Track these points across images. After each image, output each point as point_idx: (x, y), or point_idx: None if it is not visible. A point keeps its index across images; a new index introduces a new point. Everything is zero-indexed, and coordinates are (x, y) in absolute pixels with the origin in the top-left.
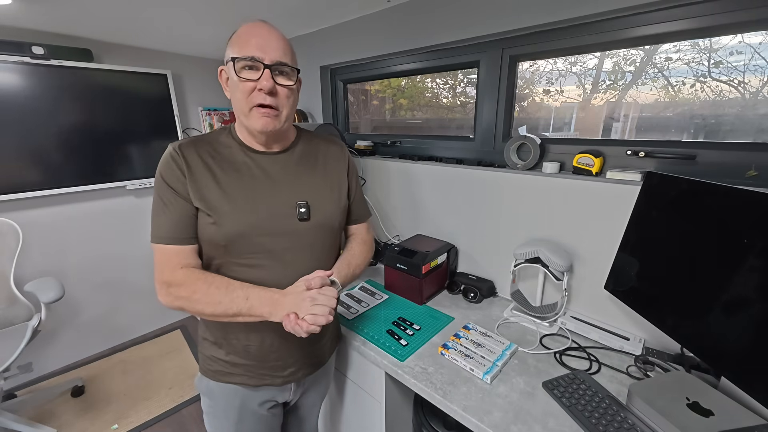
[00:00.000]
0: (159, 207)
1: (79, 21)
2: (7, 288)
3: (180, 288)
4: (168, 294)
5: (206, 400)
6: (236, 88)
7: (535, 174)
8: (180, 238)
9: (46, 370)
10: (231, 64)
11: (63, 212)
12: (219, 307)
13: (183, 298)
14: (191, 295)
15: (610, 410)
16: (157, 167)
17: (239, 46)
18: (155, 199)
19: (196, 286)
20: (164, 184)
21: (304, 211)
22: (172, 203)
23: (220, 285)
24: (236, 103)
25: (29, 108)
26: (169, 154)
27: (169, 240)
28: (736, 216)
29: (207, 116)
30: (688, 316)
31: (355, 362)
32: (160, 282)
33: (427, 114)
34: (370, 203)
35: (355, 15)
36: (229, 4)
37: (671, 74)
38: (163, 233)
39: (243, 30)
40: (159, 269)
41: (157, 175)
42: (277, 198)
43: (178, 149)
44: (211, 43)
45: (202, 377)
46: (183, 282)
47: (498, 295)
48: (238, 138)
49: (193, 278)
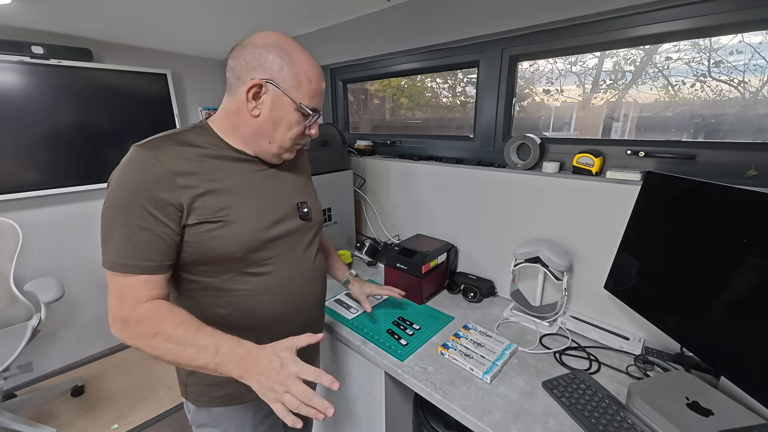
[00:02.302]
0: (124, 227)
1: (79, 21)
2: (6, 288)
3: (140, 326)
4: (124, 329)
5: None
6: (287, 126)
7: (535, 174)
8: (153, 266)
9: (46, 370)
10: (289, 100)
11: (63, 212)
12: (182, 356)
13: (142, 337)
14: (152, 339)
15: (610, 410)
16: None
17: (309, 93)
18: (118, 218)
19: (160, 325)
20: (136, 204)
21: (306, 212)
22: (151, 224)
23: (188, 327)
24: (277, 134)
25: (29, 108)
26: (145, 164)
27: (138, 269)
28: (736, 216)
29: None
30: (687, 315)
31: (355, 362)
32: (116, 315)
33: (427, 114)
34: (369, 202)
35: (355, 15)
36: (229, 4)
37: (671, 74)
38: (130, 260)
39: (307, 69)
40: (117, 301)
41: (124, 190)
42: (281, 200)
43: (158, 158)
44: (211, 43)
45: (201, 409)
46: (144, 318)
47: (498, 295)
48: (227, 144)
49: (158, 315)
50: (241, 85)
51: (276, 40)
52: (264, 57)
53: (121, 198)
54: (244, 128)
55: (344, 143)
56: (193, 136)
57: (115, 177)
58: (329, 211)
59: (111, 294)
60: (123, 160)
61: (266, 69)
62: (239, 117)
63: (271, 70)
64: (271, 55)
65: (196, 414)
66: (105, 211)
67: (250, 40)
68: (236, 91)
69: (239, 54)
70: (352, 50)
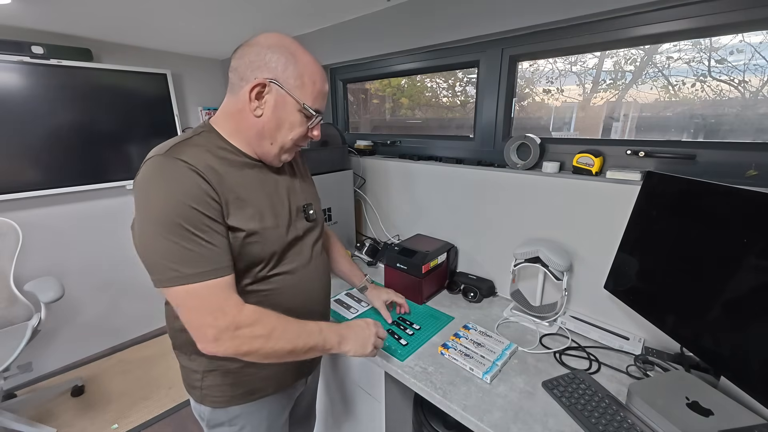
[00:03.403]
0: (187, 238)
1: (79, 21)
2: (6, 288)
3: (254, 327)
4: (235, 338)
5: (225, 430)
6: (290, 127)
7: (534, 174)
8: (230, 266)
9: (45, 370)
10: (292, 101)
11: (63, 212)
12: (298, 342)
13: (259, 338)
14: (271, 333)
15: (610, 410)
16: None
17: (312, 94)
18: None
19: (271, 321)
20: (192, 210)
21: (312, 213)
22: (214, 230)
23: (290, 319)
24: (279, 135)
25: (29, 108)
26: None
27: (222, 271)
28: (736, 216)
29: (206, 116)
30: (687, 315)
31: (355, 362)
32: (222, 327)
33: (427, 113)
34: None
35: (355, 15)
36: (229, 4)
37: (671, 74)
38: (212, 265)
39: (311, 70)
40: (213, 312)
41: (168, 201)
42: (291, 203)
43: (187, 161)
44: (211, 43)
45: (217, 410)
46: (257, 320)
47: (498, 295)
48: (237, 149)
49: (265, 313)
50: (244, 85)
51: (281, 41)
52: (268, 57)
53: (167, 208)
54: (247, 129)
55: (344, 143)
56: (205, 142)
57: (145, 190)
58: (329, 211)
59: (197, 312)
60: (152, 173)
61: (270, 69)
62: (242, 118)
63: (275, 70)
64: (275, 56)
65: (213, 414)
66: (150, 230)
67: (255, 41)
68: (239, 91)
69: (243, 54)
70: (352, 50)
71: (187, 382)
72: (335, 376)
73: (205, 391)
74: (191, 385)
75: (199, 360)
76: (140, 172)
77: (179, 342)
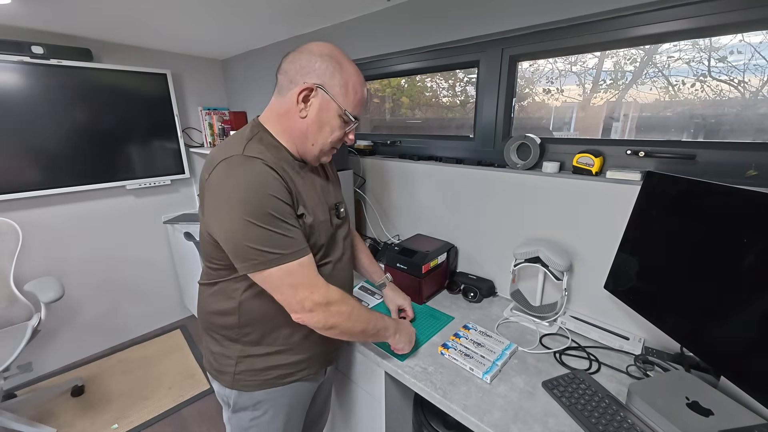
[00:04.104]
0: (279, 224)
1: (79, 21)
2: (6, 288)
3: (340, 305)
4: (326, 311)
5: (248, 414)
6: (330, 130)
7: (534, 174)
8: (308, 248)
9: (45, 370)
10: (335, 106)
11: (63, 212)
12: (369, 324)
13: (343, 314)
14: (351, 311)
15: (610, 410)
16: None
17: (353, 102)
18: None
19: (351, 302)
20: (283, 204)
21: (343, 211)
22: (293, 217)
23: (361, 304)
24: (320, 137)
25: (29, 108)
26: (261, 169)
27: (306, 250)
28: (735, 216)
29: (207, 116)
30: (687, 315)
31: (355, 362)
32: (319, 300)
33: (427, 113)
34: (369, 202)
35: (355, 15)
36: (229, 4)
37: (671, 74)
38: (302, 245)
39: (355, 80)
40: (309, 287)
41: (260, 194)
42: (327, 201)
43: (266, 162)
44: (211, 43)
45: (244, 394)
46: (341, 298)
47: (498, 295)
48: (287, 149)
49: (346, 294)
50: (293, 87)
51: (330, 51)
52: (318, 64)
53: (260, 200)
54: (292, 130)
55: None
56: (266, 142)
57: (240, 186)
58: None
59: (295, 288)
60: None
61: (319, 75)
62: (288, 118)
63: (323, 77)
64: (324, 63)
65: (239, 398)
66: (247, 222)
67: (307, 48)
68: (287, 93)
69: (295, 59)
70: (352, 50)
71: (215, 368)
72: (335, 375)
73: (238, 376)
74: (221, 371)
75: (233, 346)
76: (219, 172)
77: (214, 327)
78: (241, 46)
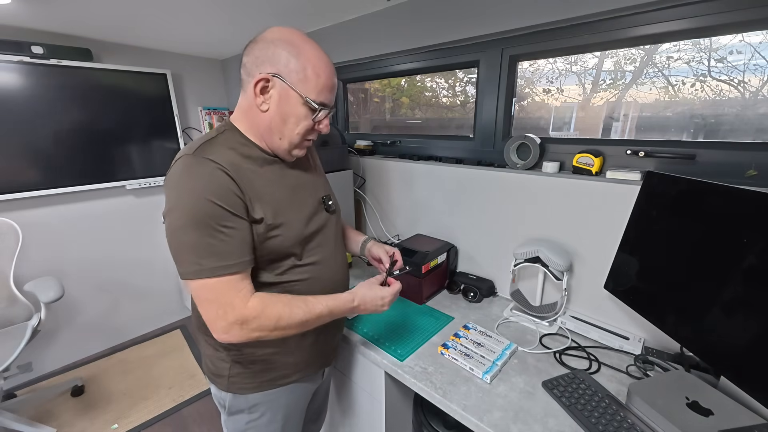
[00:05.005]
0: (209, 233)
1: (79, 20)
2: (6, 287)
3: (259, 320)
4: (243, 330)
5: (244, 417)
6: (296, 121)
7: (534, 174)
8: (247, 261)
9: (45, 370)
10: (296, 95)
11: (63, 212)
12: (306, 327)
13: (266, 329)
14: (276, 323)
15: (610, 410)
16: (186, 188)
17: (316, 87)
18: (196, 227)
19: (275, 310)
20: (216, 207)
21: (331, 204)
22: (230, 226)
23: (298, 304)
24: (286, 129)
25: (28, 108)
26: (206, 168)
27: (237, 267)
28: (735, 216)
29: (207, 116)
30: (687, 315)
31: (355, 362)
32: (229, 320)
33: (427, 113)
34: (369, 202)
35: (355, 14)
36: (229, 4)
37: (671, 74)
38: (226, 261)
39: (315, 63)
40: (223, 306)
41: (194, 198)
42: (311, 197)
43: (214, 160)
44: (211, 42)
45: (239, 397)
46: (260, 312)
47: (498, 295)
48: (256, 145)
49: (270, 304)
50: (250, 81)
51: (284, 35)
52: (272, 51)
53: (193, 205)
54: (258, 125)
55: (344, 143)
56: (229, 140)
57: (175, 188)
58: None
59: (211, 304)
60: (181, 172)
61: (273, 63)
62: (253, 113)
63: (278, 64)
64: (278, 50)
65: (234, 401)
66: (178, 225)
67: (262, 36)
68: (247, 87)
69: (251, 50)
70: (352, 50)
71: (211, 371)
72: (335, 375)
73: (233, 379)
74: (217, 374)
75: (228, 349)
76: (170, 171)
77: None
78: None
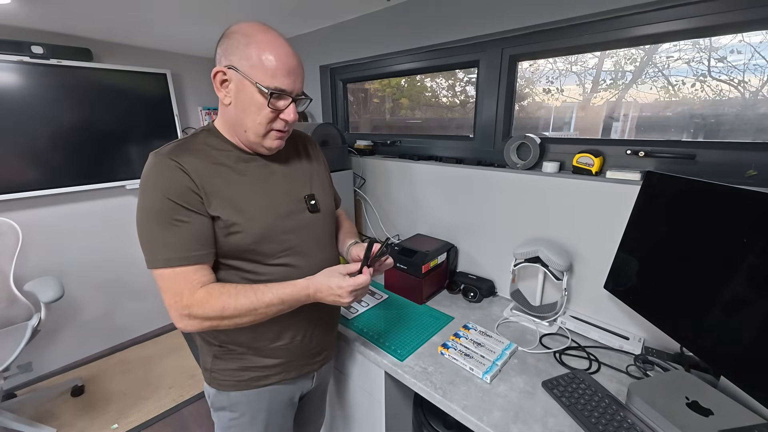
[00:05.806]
0: (164, 227)
1: (79, 20)
2: (6, 287)
3: (204, 309)
4: (192, 319)
5: (227, 414)
6: (256, 110)
7: (534, 174)
8: (199, 255)
9: (45, 370)
10: (249, 83)
11: (62, 212)
12: (257, 316)
13: (213, 318)
14: (221, 313)
15: (610, 409)
16: (149, 184)
17: (268, 72)
18: (155, 220)
19: (220, 301)
20: (170, 203)
21: (314, 203)
22: (184, 220)
23: (246, 293)
24: (247, 120)
25: (28, 107)
26: (167, 167)
27: (187, 260)
28: (735, 216)
29: (207, 116)
30: (687, 315)
31: (355, 362)
32: (180, 309)
33: (427, 113)
34: (369, 202)
35: (354, 14)
36: (229, 4)
37: (671, 74)
38: (177, 254)
39: (265, 48)
40: (175, 296)
41: (154, 194)
42: (288, 195)
43: (175, 159)
44: (211, 43)
45: (221, 393)
46: (205, 300)
47: (498, 295)
48: (230, 142)
49: (216, 295)
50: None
51: (242, 27)
52: (228, 44)
53: (153, 200)
54: (228, 120)
55: (344, 143)
56: (202, 140)
57: (142, 184)
58: None
59: (166, 293)
60: (146, 169)
61: (228, 55)
62: (223, 110)
63: (232, 56)
64: (233, 41)
65: (217, 397)
66: (141, 218)
67: (224, 32)
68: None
69: (217, 48)
70: (352, 50)
71: (202, 363)
72: (335, 375)
73: (214, 374)
74: (204, 366)
75: (211, 343)
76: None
77: None
78: None
